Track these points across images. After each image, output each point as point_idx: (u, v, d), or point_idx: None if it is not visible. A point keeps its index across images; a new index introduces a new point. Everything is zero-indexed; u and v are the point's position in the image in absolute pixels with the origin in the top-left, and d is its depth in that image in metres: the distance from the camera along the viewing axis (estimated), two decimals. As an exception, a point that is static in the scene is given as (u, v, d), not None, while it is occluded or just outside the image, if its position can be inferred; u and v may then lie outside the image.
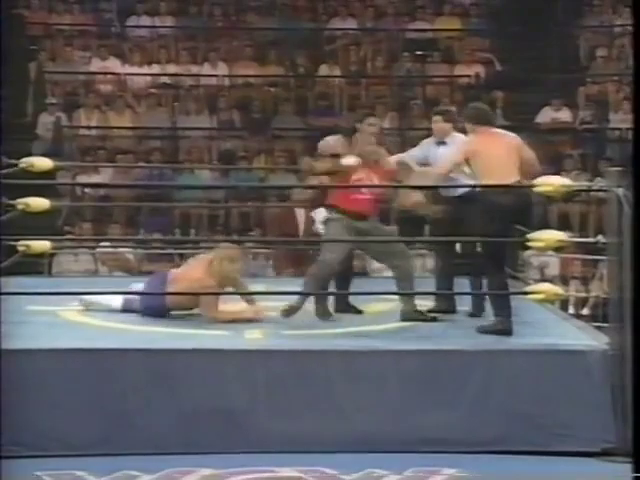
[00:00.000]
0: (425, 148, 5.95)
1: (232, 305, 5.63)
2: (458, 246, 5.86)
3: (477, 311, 5.71)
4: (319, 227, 5.83)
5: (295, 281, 6.14)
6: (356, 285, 5.84)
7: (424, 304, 5.77)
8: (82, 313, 5.68)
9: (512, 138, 5.47)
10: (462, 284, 5.80)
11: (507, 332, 5.16)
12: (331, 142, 5.73)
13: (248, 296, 5.65)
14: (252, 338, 5.12)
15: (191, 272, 5.58)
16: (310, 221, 6.36)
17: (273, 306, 5.59)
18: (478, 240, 5.39)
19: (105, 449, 4.60)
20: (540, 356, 4.86)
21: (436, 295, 5.80)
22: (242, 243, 9.72)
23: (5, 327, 4.73)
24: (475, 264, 5.65)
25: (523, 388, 4.77)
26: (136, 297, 5.67)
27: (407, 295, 5.54)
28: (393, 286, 5.62)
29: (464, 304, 5.77)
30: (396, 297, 5.74)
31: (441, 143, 5.87)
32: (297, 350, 4.87)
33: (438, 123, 5.89)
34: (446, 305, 5.77)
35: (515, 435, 4.73)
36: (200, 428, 4.66)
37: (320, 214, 5.81)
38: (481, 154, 5.27)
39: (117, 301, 5.77)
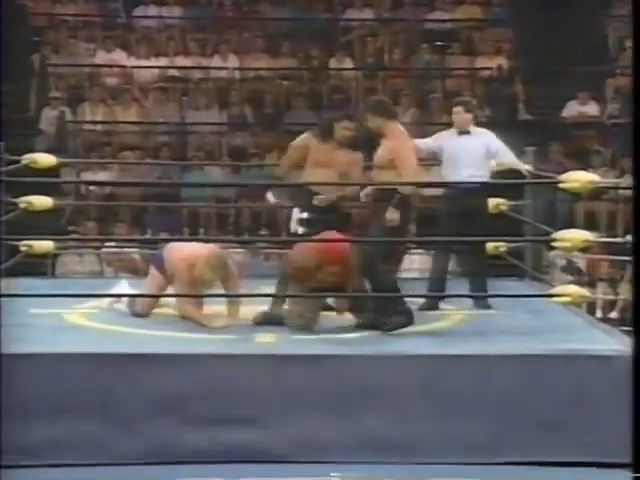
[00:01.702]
0: (441, 139, 6.12)
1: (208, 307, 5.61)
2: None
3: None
4: (297, 228, 5.78)
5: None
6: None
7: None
8: (87, 316, 5.70)
9: None
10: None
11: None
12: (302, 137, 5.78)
13: (232, 300, 5.56)
14: (263, 342, 5.13)
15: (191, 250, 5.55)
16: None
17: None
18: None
19: (111, 458, 4.61)
20: (565, 361, 4.85)
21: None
22: (253, 243, 9.75)
23: (7, 330, 4.76)
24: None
25: (547, 395, 4.77)
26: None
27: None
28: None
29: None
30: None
31: (463, 133, 6.03)
32: (310, 355, 4.88)
33: (460, 114, 6.02)
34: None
35: (539, 444, 4.72)
36: (210, 436, 4.68)
37: (294, 214, 5.78)
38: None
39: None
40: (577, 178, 5.14)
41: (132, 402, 4.69)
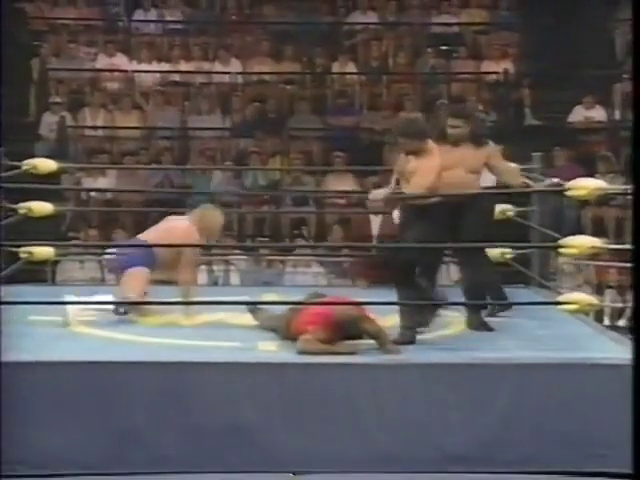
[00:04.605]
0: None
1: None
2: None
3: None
4: None
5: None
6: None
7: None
8: (88, 323, 5.71)
9: None
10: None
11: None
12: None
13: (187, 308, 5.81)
14: (266, 350, 5.14)
15: (172, 231, 5.98)
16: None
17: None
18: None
19: (113, 468, 4.62)
20: (573, 370, 4.85)
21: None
22: (257, 249, 9.75)
23: (7, 339, 4.77)
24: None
25: (555, 404, 4.77)
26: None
27: None
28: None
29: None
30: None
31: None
32: (314, 363, 4.88)
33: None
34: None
35: (547, 454, 4.73)
36: (213, 446, 4.68)
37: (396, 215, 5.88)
38: None
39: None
40: (584, 185, 5.14)
41: (133, 411, 4.69)
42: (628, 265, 8.78)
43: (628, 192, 9.09)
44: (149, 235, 6.08)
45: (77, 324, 5.70)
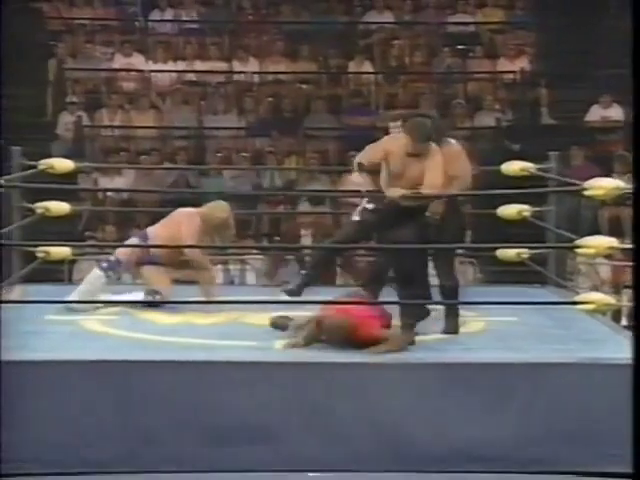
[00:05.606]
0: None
1: None
2: None
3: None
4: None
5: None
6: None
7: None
8: (103, 323, 5.73)
9: None
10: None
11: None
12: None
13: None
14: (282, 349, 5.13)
15: (175, 216, 6.17)
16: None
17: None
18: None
19: (126, 467, 4.63)
20: (590, 370, 4.83)
21: None
22: (272, 250, 9.76)
23: (22, 337, 4.78)
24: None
25: (571, 404, 4.75)
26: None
27: None
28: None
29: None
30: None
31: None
32: (331, 362, 4.88)
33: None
34: None
35: (562, 454, 4.71)
36: (228, 445, 4.68)
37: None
38: None
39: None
40: (602, 185, 5.12)
41: (150, 409, 4.70)
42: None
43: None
44: (156, 227, 6.22)
45: (94, 323, 5.71)
